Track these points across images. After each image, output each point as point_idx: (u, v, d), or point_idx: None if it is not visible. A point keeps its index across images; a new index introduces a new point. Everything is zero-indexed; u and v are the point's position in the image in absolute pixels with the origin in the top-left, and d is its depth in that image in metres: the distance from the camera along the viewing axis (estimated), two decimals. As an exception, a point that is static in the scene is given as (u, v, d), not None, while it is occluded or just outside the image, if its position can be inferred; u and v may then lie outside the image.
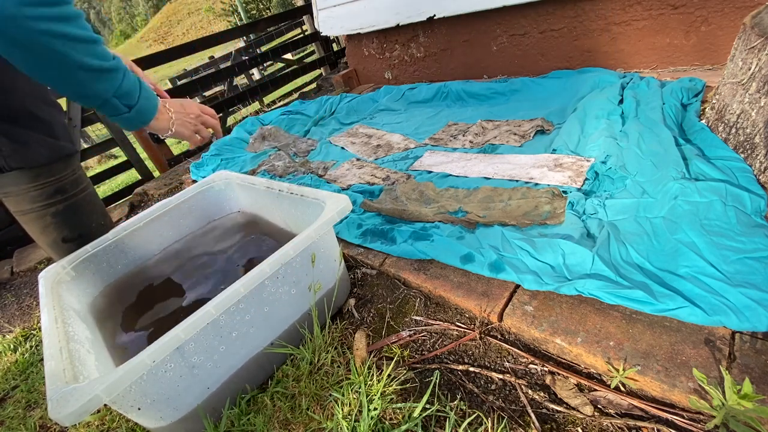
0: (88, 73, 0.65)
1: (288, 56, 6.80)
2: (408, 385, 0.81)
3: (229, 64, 6.16)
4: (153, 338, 0.65)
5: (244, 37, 7.46)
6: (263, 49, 6.06)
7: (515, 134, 1.63)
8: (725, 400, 0.58)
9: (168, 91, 2.80)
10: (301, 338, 0.93)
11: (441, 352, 0.87)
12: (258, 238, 1.28)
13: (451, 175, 1.48)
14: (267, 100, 5.68)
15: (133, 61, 0.98)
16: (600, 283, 0.82)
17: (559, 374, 0.76)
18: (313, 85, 4.42)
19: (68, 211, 0.96)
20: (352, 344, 0.92)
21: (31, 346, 1.33)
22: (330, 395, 0.80)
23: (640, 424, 0.65)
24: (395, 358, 0.87)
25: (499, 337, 0.87)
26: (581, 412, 0.68)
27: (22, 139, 0.84)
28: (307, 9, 3.59)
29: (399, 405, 0.75)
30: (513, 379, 0.77)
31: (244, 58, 4.89)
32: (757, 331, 0.69)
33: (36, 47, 0.60)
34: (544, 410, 0.71)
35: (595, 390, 0.72)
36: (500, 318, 0.88)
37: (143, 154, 3.19)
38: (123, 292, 1.10)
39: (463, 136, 1.77)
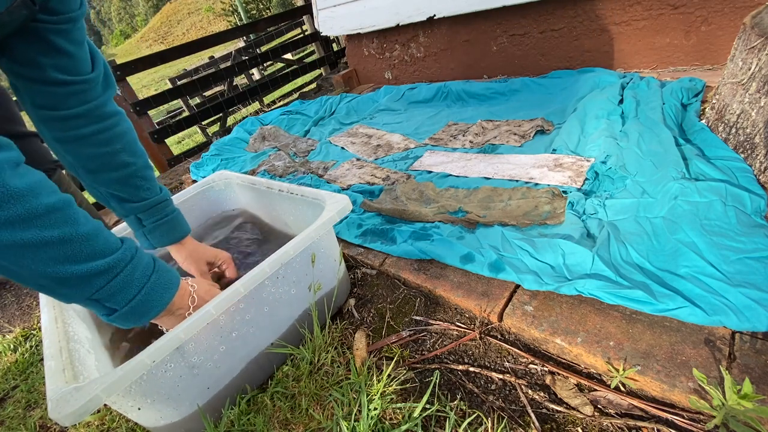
0: (49, 279, 0.54)
1: (288, 56, 6.80)
2: (408, 385, 0.81)
3: (229, 64, 6.16)
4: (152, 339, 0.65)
5: (244, 37, 7.46)
6: (263, 49, 6.06)
7: (515, 134, 1.63)
8: (725, 400, 0.58)
9: (167, 92, 2.81)
10: (301, 338, 0.93)
11: (441, 352, 0.87)
12: (258, 238, 1.28)
13: (451, 175, 1.48)
14: (267, 100, 5.68)
15: (133, 60, 0.98)
16: (600, 283, 0.82)
17: (559, 374, 0.76)
18: (313, 85, 4.42)
19: None
20: (352, 344, 0.92)
21: (31, 346, 1.33)
22: (330, 395, 0.80)
23: (640, 424, 0.65)
24: (395, 358, 0.87)
25: (499, 337, 0.87)
26: (581, 412, 0.68)
27: None
28: (307, 9, 3.59)
29: (399, 405, 0.75)
30: (513, 379, 0.77)
31: (244, 58, 4.89)
32: (757, 331, 0.69)
33: None
34: (544, 410, 0.71)
35: (595, 390, 0.72)
36: (500, 318, 0.88)
37: (143, 155, 3.19)
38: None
39: (463, 136, 1.77)
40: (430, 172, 1.55)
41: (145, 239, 0.92)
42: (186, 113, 6.57)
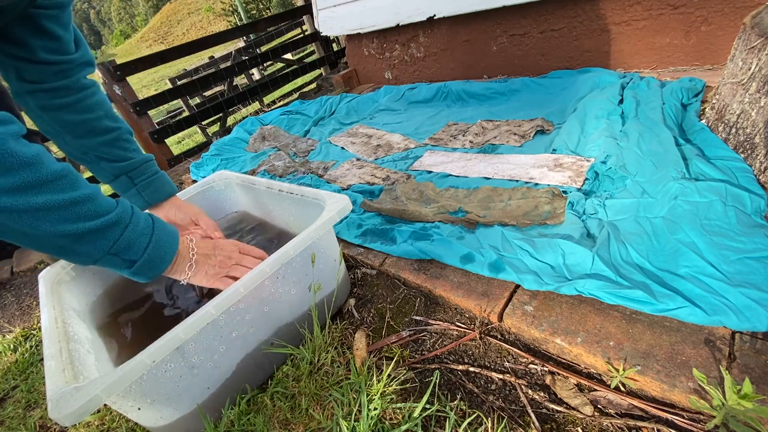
0: (66, 238, 0.57)
1: (288, 56, 6.80)
2: (408, 385, 0.81)
3: (229, 64, 6.16)
4: (153, 338, 0.65)
5: (244, 37, 7.46)
6: (263, 49, 6.06)
7: (515, 134, 1.63)
8: (725, 400, 0.58)
9: (167, 92, 2.81)
10: (301, 338, 0.93)
11: (441, 352, 0.87)
12: (258, 238, 1.28)
13: (451, 175, 1.48)
14: (267, 100, 5.68)
15: (133, 60, 1.01)
16: (600, 283, 0.82)
17: (559, 374, 0.76)
18: (313, 85, 4.41)
19: None
20: (352, 344, 0.92)
21: (31, 346, 1.33)
22: (330, 395, 0.80)
23: (640, 424, 0.65)
24: (395, 358, 0.87)
25: (499, 337, 0.87)
26: (581, 412, 0.68)
27: None
28: (307, 9, 3.59)
29: (399, 405, 0.75)
30: (513, 379, 0.77)
31: (244, 58, 4.89)
32: (757, 331, 0.69)
33: None
34: (544, 410, 0.71)
35: (595, 390, 0.72)
36: (500, 318, 0.88)
37: (143, 154, 3.19)
38: (124, 292, 1.10)
39: (463, 136, 1.77)
40: (430, 172, 1.55)
41: (138, 197, 0.96)
42: (186, 113, 6.58)
